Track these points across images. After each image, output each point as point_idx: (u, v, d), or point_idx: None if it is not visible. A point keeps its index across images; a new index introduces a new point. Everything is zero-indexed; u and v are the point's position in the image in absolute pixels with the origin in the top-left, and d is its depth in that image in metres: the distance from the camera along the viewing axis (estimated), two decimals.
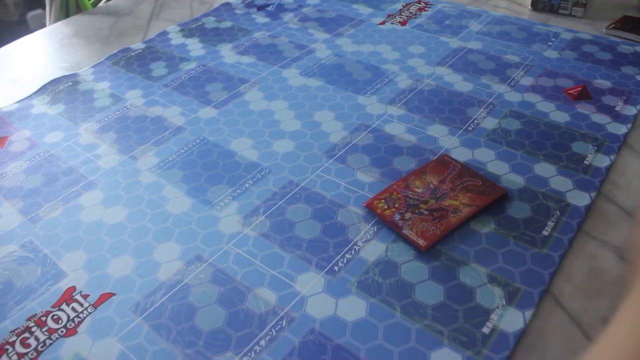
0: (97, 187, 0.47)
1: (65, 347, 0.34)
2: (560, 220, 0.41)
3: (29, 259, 0.41)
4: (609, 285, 0.36)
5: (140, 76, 0.63)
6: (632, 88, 0.55)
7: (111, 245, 0.41)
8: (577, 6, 0.70)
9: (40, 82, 0.63)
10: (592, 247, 0.39)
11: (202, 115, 0.55)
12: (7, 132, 0.55)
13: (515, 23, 0.70)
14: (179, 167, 0.49)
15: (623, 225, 0.41)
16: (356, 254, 0.39)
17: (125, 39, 0.73)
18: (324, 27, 0.72)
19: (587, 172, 0.45)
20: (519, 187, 0.44)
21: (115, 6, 0.83)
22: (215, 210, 0.44)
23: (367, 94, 0.57)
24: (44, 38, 0.76)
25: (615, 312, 0.34)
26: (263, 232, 0.41)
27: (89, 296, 0.37)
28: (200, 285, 0.38)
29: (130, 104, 0.58)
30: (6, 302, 0.38)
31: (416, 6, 0.76)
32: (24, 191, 0.47)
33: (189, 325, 0.35)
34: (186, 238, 0.41)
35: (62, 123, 0.56)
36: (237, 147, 0.51)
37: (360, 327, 0.34)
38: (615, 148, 0.47)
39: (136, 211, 0.44)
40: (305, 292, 0.37)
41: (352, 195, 0.44)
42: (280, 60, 0.65)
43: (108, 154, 0.51)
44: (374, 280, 0.37)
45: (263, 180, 0.46)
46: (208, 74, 0.63)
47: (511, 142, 0.49)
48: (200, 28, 0.74)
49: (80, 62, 0.68)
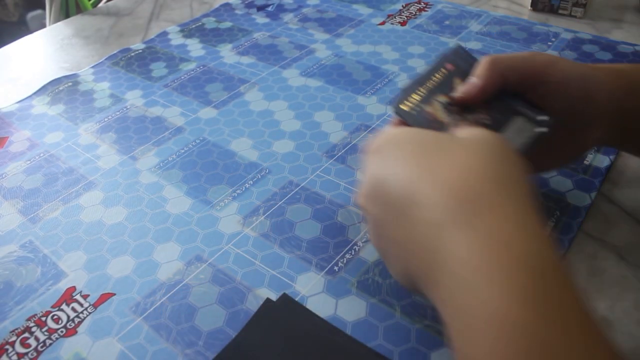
0: (97, 188, 0.47)
1: (65, 347, 0.34)
2: (560, 220, 0.41)
3: (29, 259, 0.41)
4: (609, 285, 0.36)
5: (140, 76, 0.63)
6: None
7: (111, 246, 0.41)
8: (577, 6, 0.70)
9: (40, 82, 0.63)
10: (592, 247, 0.39)
11: (202, 115, 0.55)
12: (7, 133, 0.55)
13: (515, 23, 0.70)
14: (178, 168, 0.49)
15: (623, 225, 0.41)
16: (356, 254, 0.39)
17: (125, 39, 0.73)
18: (324, 27, 0.72)
19: (587, 172, 0.45)
20: None
21: (115, 6, 0.83)
22: (215, 210, 0.44)
23: (367, 94, 0.57)
24: (44, 38, 0.76)
25: (615, 312, 0.34)
26: (263, 232, 0.41)
27: (89, 296, 0.37)
28: (200, 286, 0.38)
29: (130, 105, 0.58)
30: (6, 302, 0.38)
31: (416, 6, 0.76)
32: (24, 191, 0.47)
33: (189, 325, 0.35)
34: (186, 238, 0.41)
35: (62, 123, 0.56)
36: (237, 147, 0.51)
37: (360, 327, 0.34)
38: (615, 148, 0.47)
39: (136, 211, 0.44)
40: (305, 292, 0.37)
41: (352, 195, 0.44)
42: (280, 60, 0.65)
43: (108, 154, 0.51)
44: (374, 280, 0.37)
45: (263, 181, 0.46)
46: (208, 75, 0.63)
47: None
48: (200, 28, 0.74)
49: (80, 62, 0.68)
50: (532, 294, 0.21)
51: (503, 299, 0.21)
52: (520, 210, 0.24)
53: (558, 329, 0.20)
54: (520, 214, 0.24)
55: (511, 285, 0.21)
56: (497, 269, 0.22)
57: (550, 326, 0.20)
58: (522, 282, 0.22)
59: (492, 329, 0.21)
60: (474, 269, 0.23)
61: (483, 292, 0.22)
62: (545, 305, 0.21)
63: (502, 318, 0.21)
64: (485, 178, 0.25)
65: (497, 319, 0.21)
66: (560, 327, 0.20)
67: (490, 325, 0.21)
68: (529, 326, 0.20)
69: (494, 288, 0.22)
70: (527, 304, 0.21)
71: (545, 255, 0.23)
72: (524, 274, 0.22)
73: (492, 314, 0.21)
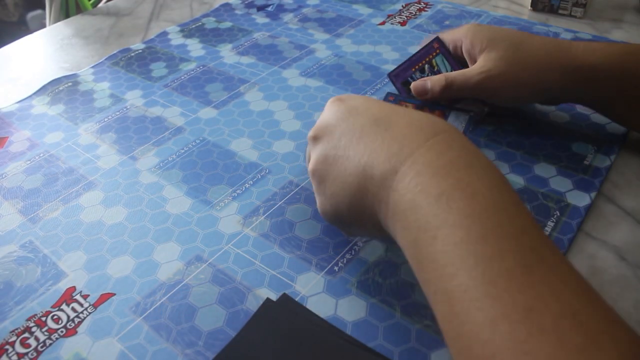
0: (97, 188, 0.47)
1: (65, 347, 0.34)
2: (560, 220, 0.41)
3: (29, 259, 0.41)
4: (609, 285, 0.36)
5: (140, 76, 0.63)
6: None
7: (111, 246, 0.41)
8: (577, 6, 0.70)
9: (40, 82, 0.63)
10: (592, 247, 0.39)
11: (202, 115, 0.55)
12: (7, 133, 0.55)
13: (515, 23, 0.70)
14: (178, 168, 0.49)
15: (623, 225, 0.41)
16: (356, 254, 0.39)
17: (125, 39, 0.73)
18: (324, 27, 0.72)
19: (587, 172, 0.45)
20: (519, 188, 0.44)
21: (115, 6, 0.83)
22: (215, 210, 0.44)
23: (367, 94, 0.57)
24: (44, 38, 0.76)
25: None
26: (263, 233, 0.41)
27: (89, 296, 0.37)
28: (200, 286, 0.38)
29: (130, 105, 0.58)
30: (6, 302, 0.38)
31: (416, 6, 0.76)
32: (24, 191, 0.47)
33: (189, 326, 0.35)
34: (186, 238, 0.41)
35: (62, 123, 0.56)
36: (237, 148, 0.51)
37: (360, 327, 0.34)
38: (615, 148, 0.47)
39: (136, 211, 0.44)
40: (305, 292, 0.37)
41: None
42: (280, 60, 0.65)
43: (108, 154, 0.51)
44: (374, 280, 0.37)
45: (263, 181, 0.46)
46: (208, 75, 0.63)
47: (511, 142, 0.49)
48: (200, 28, 0.74)
49: (80, 62, 0.68)
50: (483, 190, 0.25)
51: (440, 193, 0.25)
52: (451, 148, 0.28)
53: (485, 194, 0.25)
54: (451, 150, 0.28)
55: (443, 181, 0.26)
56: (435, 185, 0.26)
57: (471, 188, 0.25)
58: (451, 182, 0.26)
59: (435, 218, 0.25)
60: (414, 187, 0.27)
61: (425, 200, 0.26)
62: (472, 188, 0.25)
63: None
64: (428, 130, 0.30)
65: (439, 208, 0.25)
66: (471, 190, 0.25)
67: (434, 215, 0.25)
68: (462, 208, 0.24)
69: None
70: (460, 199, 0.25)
71: (475, 160, 0.27)
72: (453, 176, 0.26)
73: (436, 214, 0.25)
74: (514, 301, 0.20)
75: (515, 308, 0.20)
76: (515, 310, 0.20)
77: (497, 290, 0.21)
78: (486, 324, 0.20)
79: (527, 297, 0.20)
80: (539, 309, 0.20)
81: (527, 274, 0.21)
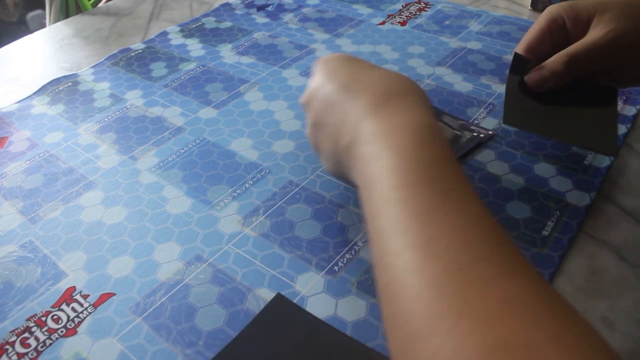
0: (97, 187, 0.47)
1: (65, 347, 0.34)
2: (560, 220, 0.41)
3: (29, 259, 0.41)
4: (609, 285, 0.36)
5: (140, 76, 0.63)
6: (631, 88, 0.55)
7: (111, 246, 0.41)
8: None
9: (40, 82, 0.63)
10: (592, 247, 0.39)
11: (202, 115, 0.55)
12: (7, 133, 0.55)
13: (515, 23, 0.70)
14: (178, 168, 0.49)
15: (623, 225, 0.41)
16: (356, 254, 0.39)
17: (125, 39, 0.73)
18: (324, 27, 0.72)
19: (587, 172, 0.45)
20: (519, 187, 0.44)
21: (115, 6, 0.83)
22: (215, 210, 0.44)
23: None
24: (44, 38, 0.76)
25: (615, 312, 0.34)
26: (263, 232, 0.41)
27: (89, 296, 0.37)
28: (200, 286, 0.38)
29: (130, 104, 0.58)
30: (6, 302, 0.38)
31: (416, 6, 0.76)
32: (24, 191, 0.47)
33: (189, 325, 0.35)
34: (186, 238, 0.41)
35: (62, 123, 0.56)
36: (237, 147, 0.51)
37: (360, 327, 0.34)
38: None
39: (136, 211, 0.44)
40: (305, 292, 0.37)
41: (352, 195, 0.44)
42: (280, 60, 0.65)
43: (108, 154, 0.51)
44: (374, 280, 0.37)
45: (263, 180, 0.46)
46: (208, 74, 0.63)
47: (511, 142, 0.49)
48: (200, 28, 0.74)
49: (80, 62, 0.68)
50: (411, 148, 0.29)
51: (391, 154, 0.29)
52: (412, 107, 0.32)
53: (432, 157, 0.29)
54: (412, 109, 0.32)
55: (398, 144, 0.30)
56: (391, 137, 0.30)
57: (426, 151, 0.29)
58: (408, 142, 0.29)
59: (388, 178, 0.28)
60: (374, 140, 0.31)
61: (380, 153, 0.30)
62: (421, 147, 0.29)
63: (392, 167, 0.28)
64: (398, 89, 0.34)
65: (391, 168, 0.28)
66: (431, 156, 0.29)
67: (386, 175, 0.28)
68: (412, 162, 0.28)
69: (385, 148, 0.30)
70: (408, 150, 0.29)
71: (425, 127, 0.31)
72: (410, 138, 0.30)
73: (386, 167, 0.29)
74: (417, 233, 0.25)
75: (418, 238, 0.25)
76: (419, 240, 0.25)
77: (404, 226, 0.26)
78: (397, 250, 0.25)
79: (429, 230, 0.25)
80: (436, 238, 0.24)
81: (432, 212, 0.26)
